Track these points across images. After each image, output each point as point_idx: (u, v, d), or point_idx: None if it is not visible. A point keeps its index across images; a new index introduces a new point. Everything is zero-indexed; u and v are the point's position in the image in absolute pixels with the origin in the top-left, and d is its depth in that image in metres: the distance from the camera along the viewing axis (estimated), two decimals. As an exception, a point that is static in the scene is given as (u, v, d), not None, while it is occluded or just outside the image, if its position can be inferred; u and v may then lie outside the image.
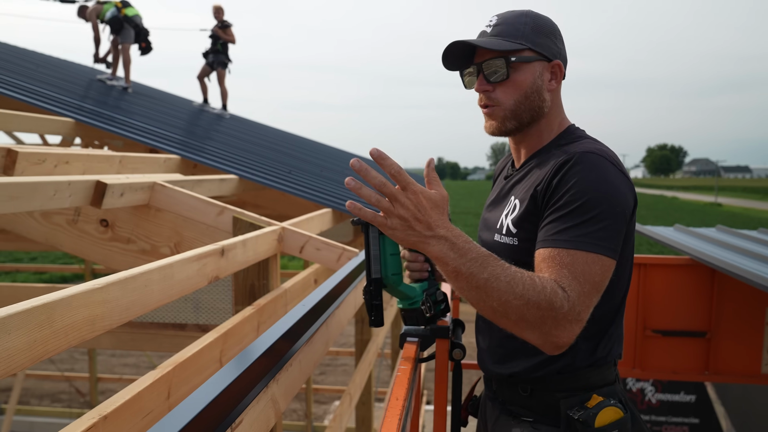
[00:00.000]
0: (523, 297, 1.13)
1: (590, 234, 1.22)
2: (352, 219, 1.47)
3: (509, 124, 1.41)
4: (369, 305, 1.41)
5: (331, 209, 3.72)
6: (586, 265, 1.20)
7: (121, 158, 3.12)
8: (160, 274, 1.47)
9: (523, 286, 1.14)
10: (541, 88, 1.40)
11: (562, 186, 1.27)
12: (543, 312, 1.14)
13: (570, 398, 1.38)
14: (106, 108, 5.56)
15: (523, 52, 1.38)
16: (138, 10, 7.94)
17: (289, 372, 1.37)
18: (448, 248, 1.14)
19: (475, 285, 1.14)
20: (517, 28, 1.39)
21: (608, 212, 1.24)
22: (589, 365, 1.40)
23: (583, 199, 1.24)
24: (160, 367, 1.50)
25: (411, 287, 1.54)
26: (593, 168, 1.27)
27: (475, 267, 1.14)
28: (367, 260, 1.42)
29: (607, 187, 1.26)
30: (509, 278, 1.14)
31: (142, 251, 2.55)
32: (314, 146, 10.40)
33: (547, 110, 1.43)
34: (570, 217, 1.24)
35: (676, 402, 7.09)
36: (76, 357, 10.64)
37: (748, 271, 2.72)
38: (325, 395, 9.11)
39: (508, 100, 1.39)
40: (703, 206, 48.52)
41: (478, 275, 1.13)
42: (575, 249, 1.21)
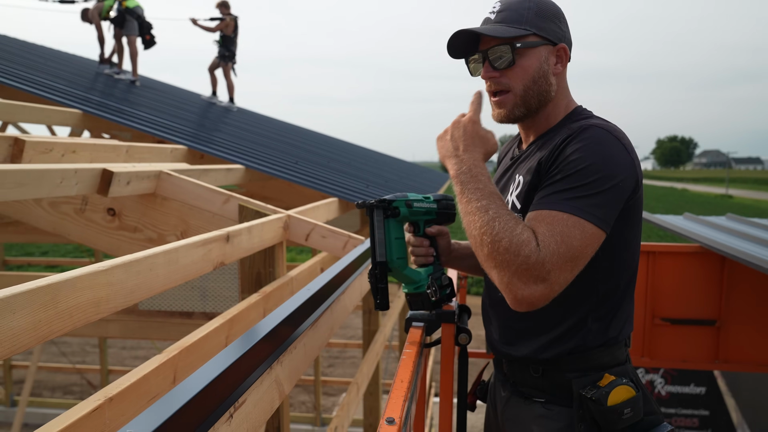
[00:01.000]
0: (497, 234, 1.20)
1: (578, 199, 1.23)
2: (357, 202, 1.47)
3: (518, 111, 1.42)
4: (374, 288, 1.41)
5: (337, 199, 3.72)
6: (566, 227, 1.21)
7: (128, 148, 3.12)
8: (165, 258, 1.47)
9: (502, 225, 1.21)
10: (547, 72, 1.41)
11: (563, 154, 1.29)
12: (509, 256, 1.18)
13: (582, 378, 1.38)
14: (114, 100, 5.57)
15: (527, 37, 1.38)
16: (138, 2, 7.93)
17: (293, 355, 1.37)
18: (462, 170, 1.32)
19: (470, 210, 1.26)
20: (521, 13, 1.39)
21: (603, 182, 1.24)
22: (601, 345, 1.40)
23: (580, 166, 1.25)
24: (166, 351, 1.50)
25: (416, 271, 1.54)
26: (596, 140, 1.28)
27: (474, 193, 1.27)
28: (372, 244, 1.42)
29: (606, 158, 1.26)
30: (495, 214, 1.23)
31: (149, 240, 2.56)
32: (321, 138, 10.40)
33: (554, 94, 1.44)
34: (563, 183, 1.26)
35: (686, 394, 7.05)
36: (87, 350, 10.74)
37: (759, 258, 2.69)
38: (333, 387, 9.13)
39: (517, 85, 1.39)
40: (714, 198, 48.17)
41: (475, 203, 1.26)
42: (559, 210, 1.23)
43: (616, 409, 1.32)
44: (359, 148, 11.87)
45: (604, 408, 1.32)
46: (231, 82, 9.24)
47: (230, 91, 9.31)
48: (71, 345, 10.84)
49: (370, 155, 10.96)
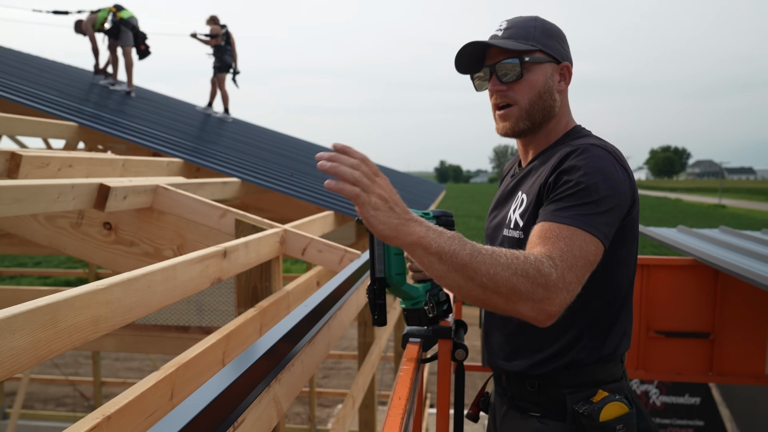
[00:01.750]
0: (510, 267, 1.11)
1: (587, 215, 1.24)
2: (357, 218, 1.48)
3: (522, 124, 1.45)
4: (372, 304, 1.42)
5: (333, 212, 3.73)
6: (576, 241, 1.21)
7: (124, 161, 3.13)
8: (163, 276, 1.47)
9: (506, 257, 1.13)
10: (552, 88, 1.45)
11: (565, 173, 1.30)
12: (532, 279, 1.12)
13: (576, 393, 1.40)
14: (109, 112, 5.58)
15: (535, 53, 1.42)
16: (133, 12, 7.95)
17: (291, 372, 1.37)
18: (426, 230, 1.11)
19: (460, 263, 1.10)
20: (528, 31, 1.43)
21: (606, 201, 1.26)
22: (596, 361, 1.42)
23: (583, 185, 1.27)
24: (164, 368, 1.50)
25: (414, 287, 1.54)
26: (596, 159, 1.30)
27: (455, 244, 1.11)
28: (371, 259, 1.43)
29: (607, 178, 1.29)
30: (490, 251, 1.13)
31: (145, 254, 2.56)
32: (316, 149, 10.42)
33: (557, 111, 1.47)
34: (569, 200, 1.27)
35: (680, 404, 7.07)
36: (81, 361, 10.67)
37: (752, 271, 2.71)
38: (328, 398, 9.10)
39: (523, 99, 1.43)
40: (707, 208, 48.40)
41: (460, 252, 1.10)
42: (570, 225, 1.22)
43: (608, 425, 1.34)
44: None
45: (596, 423, 1.34)
46: (225, 92, 9.27)
47: (225, 101, 9.34)
48: (64, 357, 10.77)
49: (365, 166, 10.97)
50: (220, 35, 8.88)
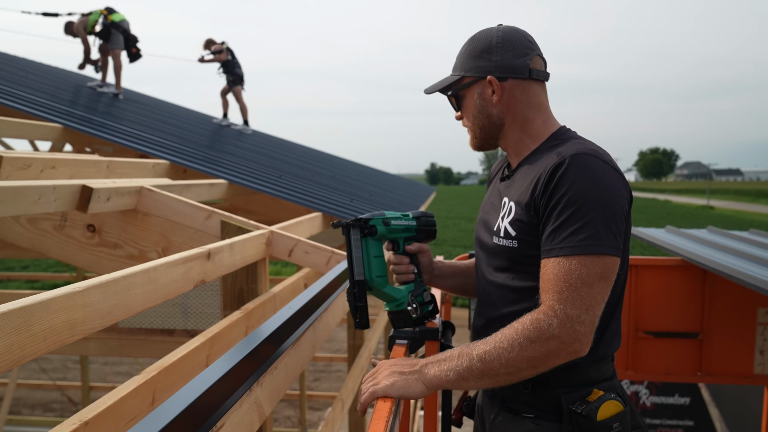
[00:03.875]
0: (514, 347, 1.21)
1: (591, 236, 1.25)
2: (332, 222, 1.48)
3: (478, 143, 1.54)
4: (353, 307, 1.41)
5: (321, 213, 3.71)
6: (580, 269, 1.24)
7: (109, 163, 3.09)
8: (144, 278, 1.45)
9: (507, 340, 1.22)
10: (483, 106, 1.49)
11: (558, 190, 1.29)
12: (538, 341, 1.20)
13: (571, 393, 1.39)
14: (96, 114, 5.53)
15: (460, 81, 1.51)
16: (124, 15, 7.91)
17: (274, 375, 1.35)
18: (438, 365, 1.24)
19: (478, 374, 1.22)
20: (458, 59, 1.53)
21: (606, 211, 1.27)
22: (589, 360, 1.41)
23: (579, 202, 1.26)
24: (145, 372, 1.48)
25: (396, 289, 1.53)
26: (587, 169, 1.30)
27: (464, 363, 1.22)
28: (349, 263, 1.42)
29: (602, 187, 1.29)
30: (492, 343, 1.22)
31: (130, 256, 2.53)
32: (305, 151, 10.40)
33: (502, 122, 1.49)
34: (565, 225, 1.27)
35: (670, 405, 7.09)
36: (69, 366, 10.56)
37: (739, 271, 2.71)
38: (319, 402, 9.06)
39: (470, 123, 1.53)
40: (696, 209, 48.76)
41: (473, 366, 1.22)
42: (572, 255, 1.25)
43: (605, 423, 1.33)
44: (344, 160, 11.88)
45: (593, 423, 1.33)
46: (243, 104, 9.37)
47: (243, 113, 9.43)
48: (52, 361, 10.66)
49: (355, 168, 10.97)
50: (224, 50, 9.04)
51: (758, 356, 3.25)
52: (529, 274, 1.39)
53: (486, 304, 1.53)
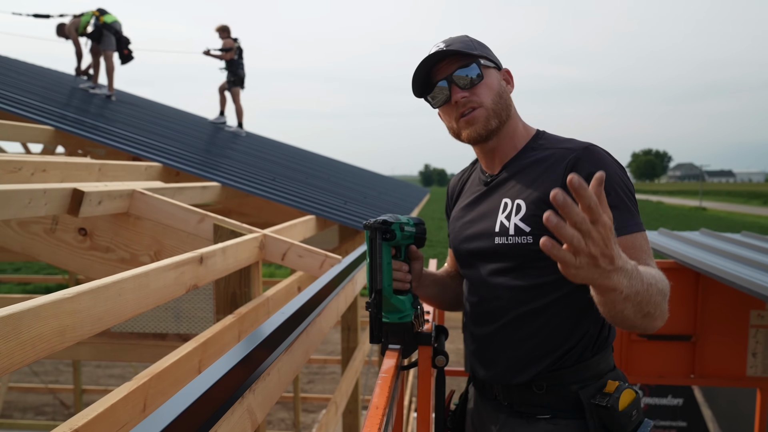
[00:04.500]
0: (662, 292, 1.18)
1: (634, 216, 1.34)
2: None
3: (493, 122, 1.45)
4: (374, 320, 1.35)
5: (314, 216, 3.70)
6: (646, 243, 1.33)
7: (101, 166, 3.07)
8: (135, 283, 1.43)
9: (660, 281, 1.19)
10: (504, 89, 1.50)
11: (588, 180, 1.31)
12: (666, 299, 1.21)
13: (587, 388, 1.40)
14: (89, 116, 5.50)
15: (483, 58, 1.47)
16: (116, 17, 7.88)
17: (266, 382, 1.34)
18: (624, 276, 1.06)
19: (638, 301, 1.11)
20: (467, 43, 1.48)
21: (632, 197, 1.37)
22: (598, 351, 1.44)
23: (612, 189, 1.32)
24: (136, 378, 1.46)
25: (401, 300, 1.46)
26: (606, 160, 1.37)
27: (638, 284, 1.10)
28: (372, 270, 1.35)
29: (622, 175, 1.38)
30: (654, 281, 1.16)
31: (122, 260, 2.51)
32: (299, 153, 10.38)
33: (512, 112, 1.51)
34: (612, 208, 1.27)
35: (663, 405, 7.11)
36: (61, 369, 10.50)
37: (732, 274, 2.72)
38: (313, 404, 9.03)
39: (486, 99, 1.44)
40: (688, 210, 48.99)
41: (642, 290, 1.11)
42: (634, 232, 1.32)
43: (627, 412, 1.35)
44: (338, 162, 11.87)
45: (617, 413, 1.34)
46: (240, 107, 9.24)
47: (239, 116, 9.31)
48: (44, 364, 10.59)
49: (349, 170, 10.96)
50: (233, 49, 8.91)
51: (751, 358, 3.27)
52: (540, 270, 1.39)
53: (490, 311, 1.50)
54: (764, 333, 3.26)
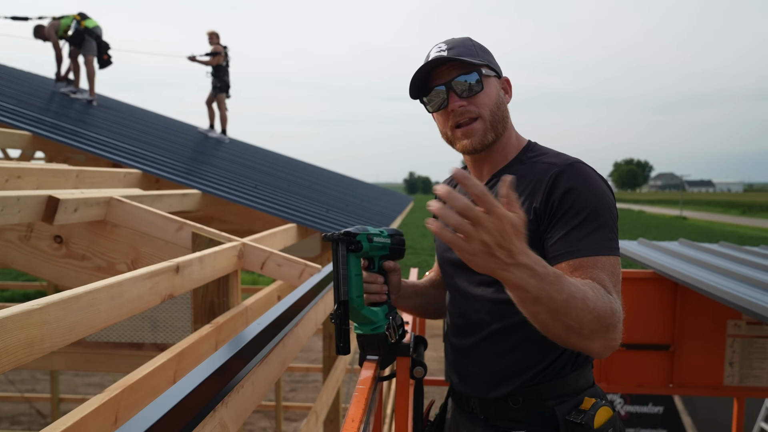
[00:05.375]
0: (594, 311, 1.13)
1: (605, 239, 1.28)
2: (324, 234, 1.41)
3: (489, 136, 1.43)
4: (339, 331, 1.33)
5: (296, 224, 3.68)
6: (612, 267, 1.26)
7: (78, 172, 3.03)
8: (108, 293, 1.41)
9: (592, 299, 1.14)
10: (503, 99, 1.46)
11: (565, 199, 1.31)
12: (608, 321, 1.16)
13: (563, 404, 1.39)
14: (68, 121, 5.43)
15: (484, 67, 1.42)
16: (97, 22, 7.82)
17: (240, 394, 1.32)
18: (529, 275, 1.05)
19: (553, 308, 1.09)
20: (470, 48, 1.43)
21: (611, 218, 1.32)
22: (577, 368, 1.42)
23: (588, 209, 1.29)
24: (108, 389, 1.44)
25: (373, 311, 1.44)
26: (588, 178, 1.34)
27: (554, 290, 1.08)
28: (336, 281, 1.33)
29: (604, 194, 1.33)
30: (581, 294, 1.13)
31: (98, 268, 2.47)
32: (282, 160, 10.34)
33: (508, 123, 1.48)
34: (582, 228, 1.28)
35: (644, 413, 7.16)
36: (38, 377, 10.31)
37: (709, 284, 2.75)
38: (295, 412, 8.96)
39: (485, 111, 1.41)
40: (669, 219, 49.57)
41: (557, 298, 1.08)
42: (599, 255, 1.26)
43: (602, 430, 1.34)
44: (321, 169, 11.84)
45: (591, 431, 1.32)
46: (224, 113, 9.26)
47: (223, 122, 9.33)
48: (20, 373, 10.39)
49: (332, 177, 10.94)
50: (221, 54, 8.92)
51: (728, 368, 3.30)
52: None
53: (470, 324, 1.49)
54: (741, 343, 3.30)
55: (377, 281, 1.47)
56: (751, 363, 3.30)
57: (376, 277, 1.47)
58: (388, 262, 1.52)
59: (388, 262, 1.53)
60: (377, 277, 1.48)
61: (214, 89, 9.12)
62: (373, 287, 1.46)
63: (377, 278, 1.47)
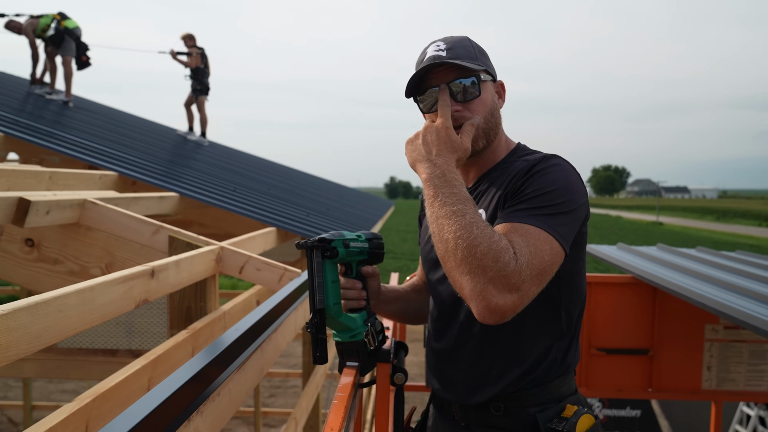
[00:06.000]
0: (475, 239, 1.13)
1: (548, 216, 1.23)
2: (297, 242, 1.39)
3: (481, 143, 1.41)
4: (315, 340, 1.30)
5: (275, 228, 3.63)
6: (538, 241, 1.19)
7: (51, 174, 2.96)
8: (78, 298, 1.36)
9: (480, 230, 1.14)
10: (496, 106, 1.45)
11: (530, 180, 1.30)
12: (487, 261, 1.11)
13: (545, 411, 1.37)
14: (43, 122, 5.33)
15: (482, 72, 1.40)
16: (77, 23, 7.70)
17: (216, 402, 1.28)
18: (433, 174, 1.25)
19: (442, 214, 1.19)
20: (469, 50, 1.40)
21: (568, 206, 1.27)
22: (560, 375, 1.40)
23: (547, 189, 1.27)
24: (78, 398, 1.39)
25: (351, 318, 1.42)
26: (560, 168, 1.32)
27: (449, 197, 1.20)
28: (311, 289, 1.30)
29: (570, 184, 1.30)
30: (471, 218, 1.16)
31: (71, 272, 2.41)
32: (262, 163, 10.26)
33: (500, 129, 1.47)
34: (531, 202, 1.26)
35: (622, 417, 7.22)
36: (10, 384, 10.07)
37: (687, 288, 2.77)
38: (274, 418, 8.86)
39: (481, 122, 1.39)
40: (646, 225, 50.22)
41: (449, 206, 1.19)
42: (530, 224, 1.21)
43: None
44: (302, 173, 11.78)
45: None
46: (204, 116, 9.18)
47: (203, 125, 9.24)
48: (-9, 379, 10.16)
49: (313, 181, 10.89)
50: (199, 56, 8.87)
51: (706, 372, 3.32)
52: None
53: (450, 327, 1.46)
54: (718, 347, 3.33)
55: (355, 287, 1.45)
56: (728, 367, 3.33)
57: (354, 283, 1.45)
58: (366, 267, 1.50)
59: (367, 267, 1.50)
60: (355, 282, 1.45)
61: (194, 92, 9.06)
62: (351, 293, 1.44)
63: (355, 284, 1.45)
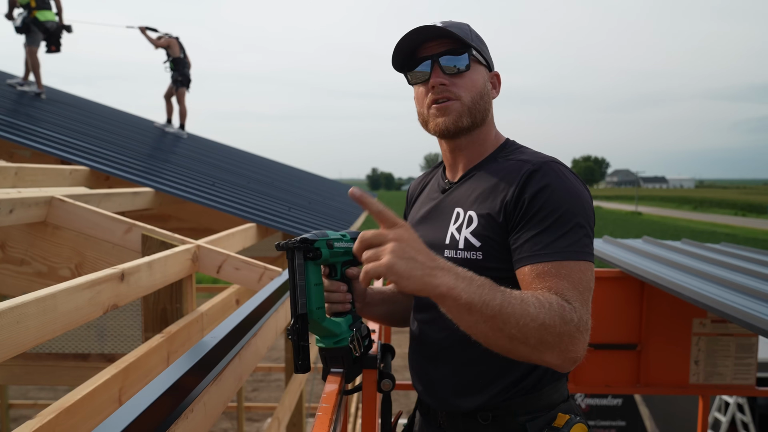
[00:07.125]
0: (537, 318, 1.06)
1: (576, 243, 1.20)
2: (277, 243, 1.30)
3: (465, 120, 1.35)
4: (297, 347, 1.22)
5: (255, 224, 3.52)
6: (581, 273, 1.17)
7: (18, 170, 2.82)
8: (38, 307, 1.26)
9: (535, 306, 1.07)
10: (488, 92, 1.40)
11: (537, 198, 1.23)
12: (559, 330, 1.08)
13: (535, 420, 1.31)
14: (14, 116, 5.14)
15: (477, 51, 1.36)
16: (53, 16, 7.42)
17: (189, 420, 1.19)
18: (457, 278, 1.02)
19: (490, 314, 1.03)
20: (466, 32, 1.36)
21: (584, 220, 1.23)
22: (552, 382, 1.34)
23: (561, 210, 1.21)
24: (40, 415, 1.28)
25: (336, 322, 1.34)
26: (562, 178, 1.26)
27: (486, 294, 1.03)
28: (292, 293, 1.22)
29: (578, 196, 1.25)
30: (519, 300, 1.07)
31: (38, 274, 2.29)
32: (241, 156, 10.08)
33: (489, 118, 1.41)
34: (552, 230, 1.20)
35: (604, 406, 7.27)
36: (-16, 383, 9.85)
37: (674, 282, 2.72)
38: (257, 413, 8.77)
39: (466, 95, 1.34)
40: (625, 215, 50.79)
41: (492, 302, 1.03)
42: (567, 260, 1.18)
43: None
44: (283, 166, 11.62)
45: None
46: (184, 108, 9.01)
47: (182, 117, 9.06)
48: (-35, 379, 9.90)
49: (294, 174, 10.74)
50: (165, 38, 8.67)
51: (693, 366, 3.29)
52: None
53: (435, 331, 1.39)
54: (706, 341, 3.30)
55: (340, 290, 1.37)
56: (715, 361, 3.30)
57: (339, 286, 1.37)
58: (351, 269, 1.41)
59: (352, 269, 1.41)
60: (340, 285, 1.38)
61: (175, 83, 8.86)
62: (335, 296, 1.36)
63: (340, 286, 1.37)
